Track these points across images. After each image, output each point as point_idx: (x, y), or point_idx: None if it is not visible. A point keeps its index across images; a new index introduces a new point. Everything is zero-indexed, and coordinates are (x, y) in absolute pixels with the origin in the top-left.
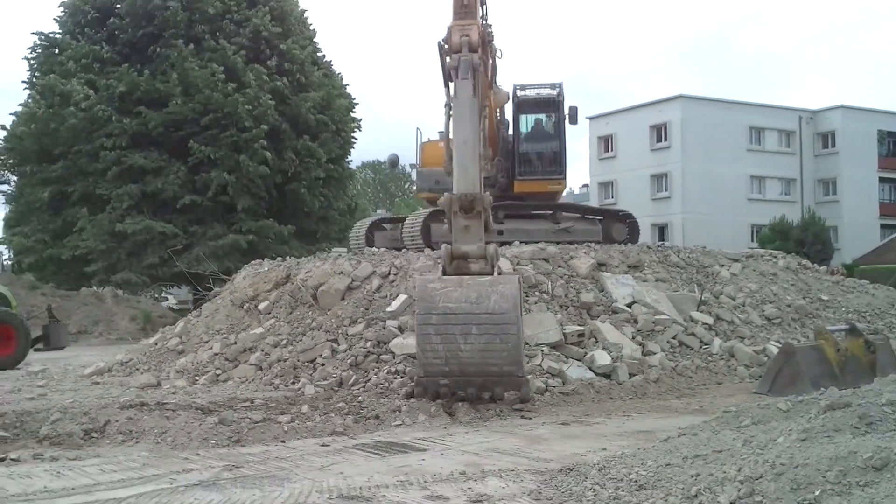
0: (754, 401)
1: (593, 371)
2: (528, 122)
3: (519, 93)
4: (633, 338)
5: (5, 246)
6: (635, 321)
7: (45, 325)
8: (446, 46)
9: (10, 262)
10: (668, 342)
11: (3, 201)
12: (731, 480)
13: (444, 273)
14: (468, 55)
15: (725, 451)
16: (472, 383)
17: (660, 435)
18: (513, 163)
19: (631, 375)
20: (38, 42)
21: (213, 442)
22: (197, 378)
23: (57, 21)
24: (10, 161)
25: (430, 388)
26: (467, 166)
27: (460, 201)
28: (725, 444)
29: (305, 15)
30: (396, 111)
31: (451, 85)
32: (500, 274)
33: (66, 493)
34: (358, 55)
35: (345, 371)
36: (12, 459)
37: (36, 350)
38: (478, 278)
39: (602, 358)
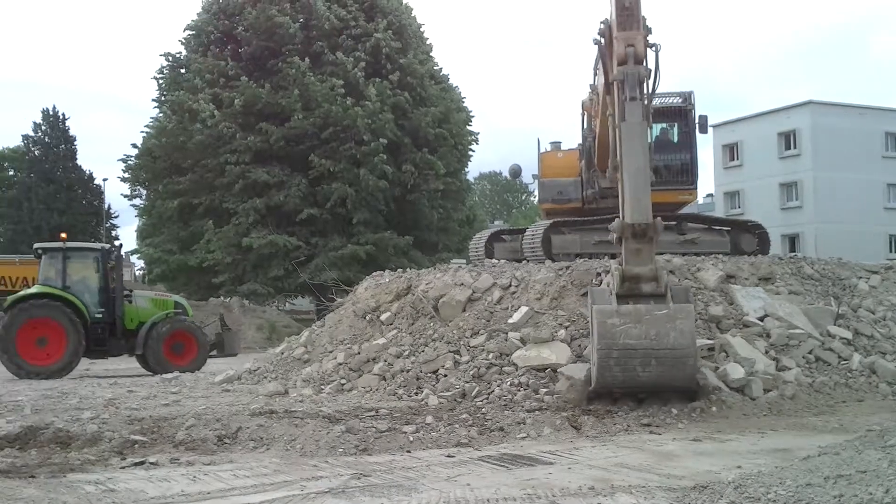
0: None
1: (726, 385)
2: (654, 131)
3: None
4: (766, 352)
5: (138, 256)
6: (768, 335)
7: (219, 333)
8: (602, 41)
9: (142, 272)
10: (803, 357)
11: (136, 214)
12: (878, 503)
13: (616, 295)
14: (635, 68)
15: (870, 472)
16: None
17: (798, 453)
18: None
19: (765, 391)
20: (166, 63)
21: (340, 450)
22: (322, 387)
23: (183, 42)
24: (143, 176)
25: (605, 394)
26: (640, 195)
27: (632, 229)
28: (870, 464)
29: (422, 29)
30: (512, 120)
31: (613, 97)
32: (670, 291)
33: (203, 496)
34: (473, 65)
35: (467, 382)
36: (151, 463)
37: (209, 357)
38: (655, 313)
39: (735, 371)
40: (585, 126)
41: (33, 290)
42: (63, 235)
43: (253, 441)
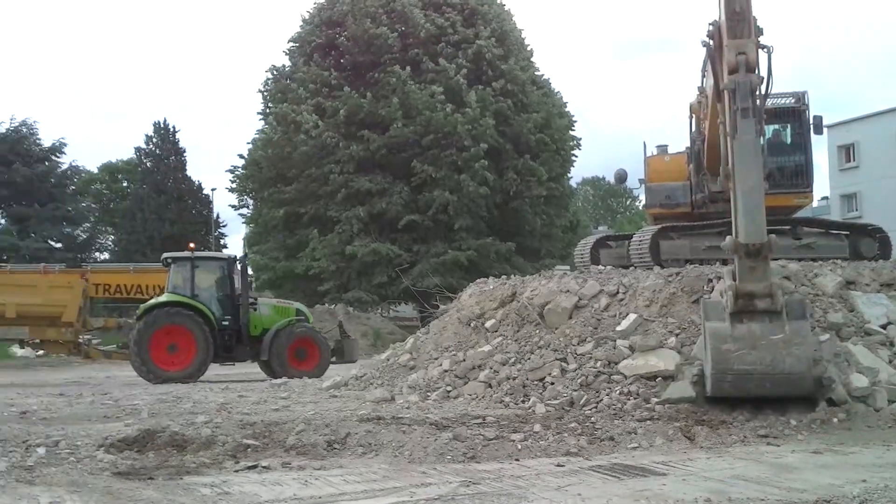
0: None
1: (849, 395)
2: (767, 133)
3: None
4: (891, 361)
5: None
6: (891, 344)
7: (338, 340)
8: (711, 43)
9: (250, 280)
10: None
11: (244, 222)
12: None
13: (731, 312)
14: (747, 77)
15: None
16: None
17: None
18: None
19: (890, 402)
20: (271, 76)
21: (448, 457)
22: (429, 394)
23: (286, 53)
24: (249, 186)
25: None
26: (754, 215)
27: (746, 248)
28: None
29: (523, 35)
30: (616, 124)
31: (724, 104)
32: (786, 307)
33: (314, 501)
34: (575, 69)
35: (575, 391)
36: (263, 467)
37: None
38: (771, 337)
39: (859, 381)
40: (694, 129)
41: (163, 298)
42: (191, 245)
43: (362, 447)
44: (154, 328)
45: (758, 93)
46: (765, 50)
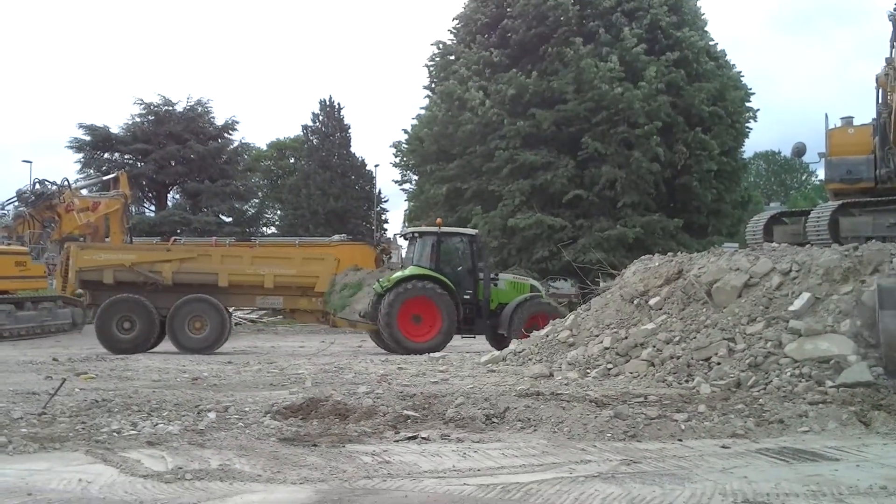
0: None
1: None
2: None
3: None
4: None
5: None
6: None
7: None
8: None
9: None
10: None
11: (405, 199)
12: None
13: None
14: None
15: None
16: None
17: None
18: None
19: None
20: (437, 51)
21: (608, 435)
22: (588, 371)
23: (452, 32)
24: (412, 162)
25: None
26: None
27: None
28: None
29: (699, 4)
30: (794, 96)
31: None
32: None
33: (473, 473)
34: (752, 39)
35: (743, 371)
36: (423, 438)
37: None
38: None
39: None
40: (880, 101)
41: (409, 271)
42: (439, 221)
43: (520, 421)
44: (403, 299)
45: None
46: None
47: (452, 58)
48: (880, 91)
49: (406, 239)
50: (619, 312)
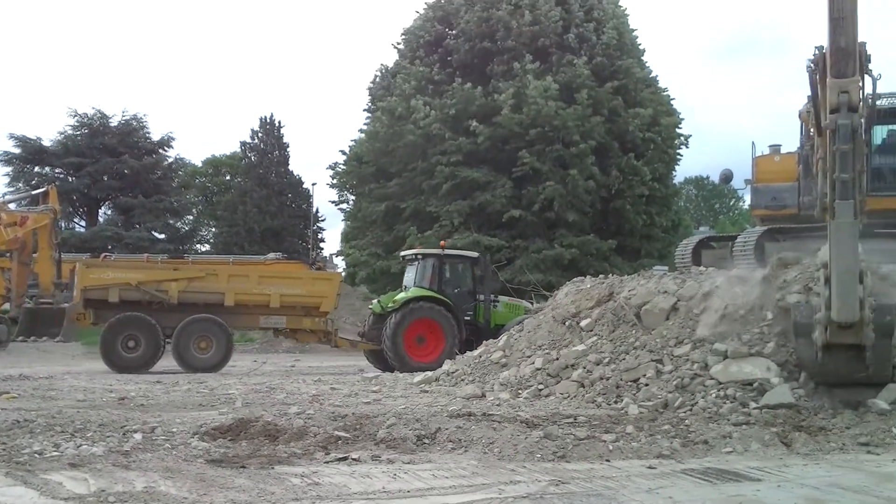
0: None
1: None
2: (882, 133)
3: (876, 102)
4: None
5: (342, 258)
6: None
7: None
8: (814, 67)
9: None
10: None
11: (343, 218)
12: None
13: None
14: (848, 117)
15: None
16: None
17: None
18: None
19: None
20: (379, 74)
21: (538, 456)
22: (520, 392)
23: (395, 48)
24: (349, 183)
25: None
26: (847, 296)
27: (838, 326)
28: None
29: (636, 35)
30: (723, 124)
31: (825, 141)
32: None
33: (403, 494)
34: (681, 67)
35: (670, 393)
36: (353, 459)
37: None
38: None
39: None
40: (803, 135)
41: (413, 292)
42: (443, 243)
43: (451, 442)
44: (409, 320)
45: (858, 133)
46: (869, 74)
47: (394, 79)
48: (803, 126)
49: (407, 260)
50: (551, 333)
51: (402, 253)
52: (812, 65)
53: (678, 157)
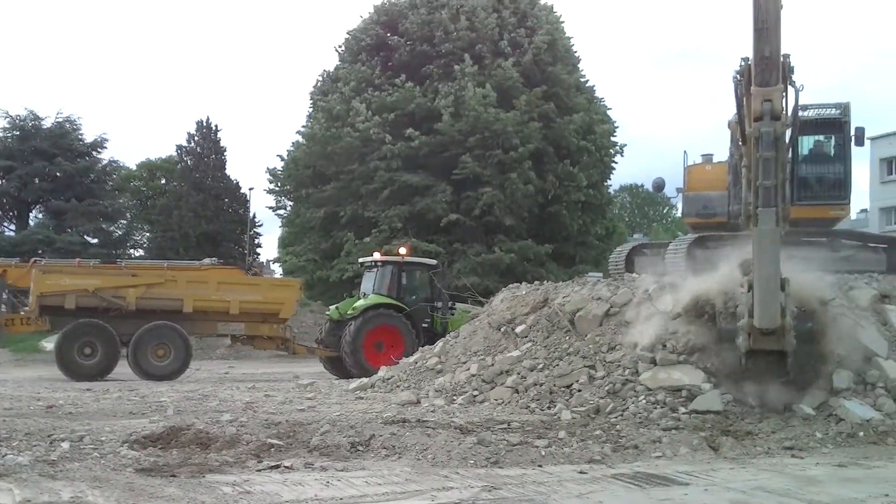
0: None
1: (876, 410)
2: (808, 144)
3: (799, 113)
4: None
5: (279, 264)
6: None
7: None
8: (739, 78)
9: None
10: None
11: (280, 224)
12: None
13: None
14: (770, 125)
15: None
16: None
17: None
18: (791, 187)
19: None
20: (321, 79)
21: (471, 462)
22: (455, 398)
23: (337, 51)
24: (287, 187)
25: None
26: (769, 303)
27: (760, 331)
28: None
29: (572, 42)
30: (657, 133)
31: (749, 148)
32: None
33: (335, 502)
34: (620, 78)
35: (602, 398)
36: (286, 467)
37: None
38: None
39: (886, 396)
40: (732, 144)
41: (371, 300)
42: (402, 251)
43: (385, 449)
44: (368, 327)
45: (781, 140)
46: (793, 85)
47: (333, 84)
48: (731, 135)
49: (365, 267)
50: (487, 340)
51: (361, 259)
52: (738, 75)
53: (613, 164)
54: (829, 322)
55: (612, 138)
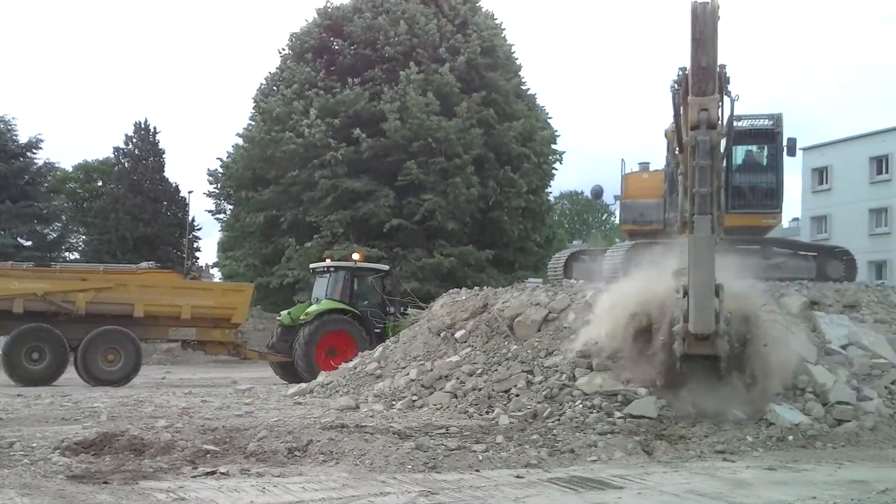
0: None
1: (805, 415)
2: (742, 153)
3: (734, 123)
4: (848, 382)
5: (218, 269)
6: (850, 364)
7: None
8: (677, 87)
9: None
10: (885, 388)
11: (220, 228)
12: None
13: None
14: (707, 134)
15: None
16: None
17: (875, 486)
18: (725, 195)
19: (843, 422)
20: (265, 82)
21: (409, 467)
22: (394, 403)
23: (280, 53)
24: (227, 189)
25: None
26: (704, 307)
27: (695, 337)
28: None
29: (513, 49)
30: (596, 141)
31: (686, 157)
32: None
33: None
34: (561, 87)
35: (539, 403)
36: (222, 473)
37: None
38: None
39: (815, 401)
40: (669, 153)
41: (324, 305)
42: (355, 256)
43: (323, 454)
44: (321, 332)
45: (717, 149)
46: (729, 95)
47: (276, 87)
48: (668, 144)
49: (317, 272)
50: (427, 345)
51: (312, 265)
52: (676, 84)
53: (553, 171)
54: (761, 328)
55: (553, 146)
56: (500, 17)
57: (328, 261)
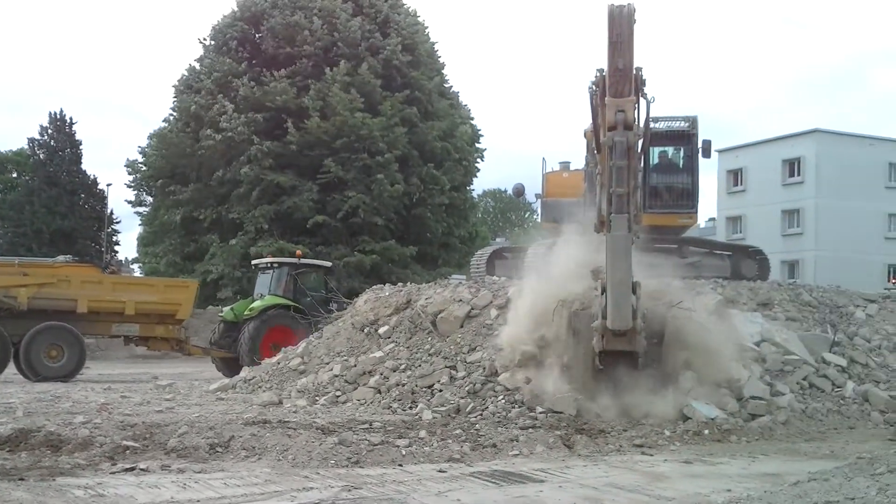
0: (890, 448)
1: (720, 409)
2: (658, 154)
3: (651, 125)
4: (761, 377)
5: (139, 265)
6: (763, 360)
7: None
8: (595, 88)
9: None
10: (797, 383)
11: (140, 223)
12: None
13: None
14: (623, 135)
15: (858, 499)
16: None
17: (787, 479)
18: (642, 195)
19: (757, 416)
20: (187, 72)
21: (332, 462)
22: (317, 398)
23: (202, 42)
24: (147, 184)
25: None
26: (621, 305)
27: (613, 333)
28: (859, 491)
29: (435, 48)
30: (519, 141)
31: (603, 157)
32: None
33: None
34: (484, 87)
35: (462, 398)
36: (141, 469)
37: None
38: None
39: (729, 396)
40: (588, 153)
41: (268, 300)
42: (298, 252)
43: (245, 450)
44: (265, 328)
45: (633, 150)
46: (645, 97)
47: (199, 75)
48: (588, 144)
49: (260, 269)
50: (350, 340)
51: (255, 262)
52: (594, 86)
53: (476, 169)
54: (678, 325)
55: (477, 144)
56: (422, 16)
57: (269, 258)
